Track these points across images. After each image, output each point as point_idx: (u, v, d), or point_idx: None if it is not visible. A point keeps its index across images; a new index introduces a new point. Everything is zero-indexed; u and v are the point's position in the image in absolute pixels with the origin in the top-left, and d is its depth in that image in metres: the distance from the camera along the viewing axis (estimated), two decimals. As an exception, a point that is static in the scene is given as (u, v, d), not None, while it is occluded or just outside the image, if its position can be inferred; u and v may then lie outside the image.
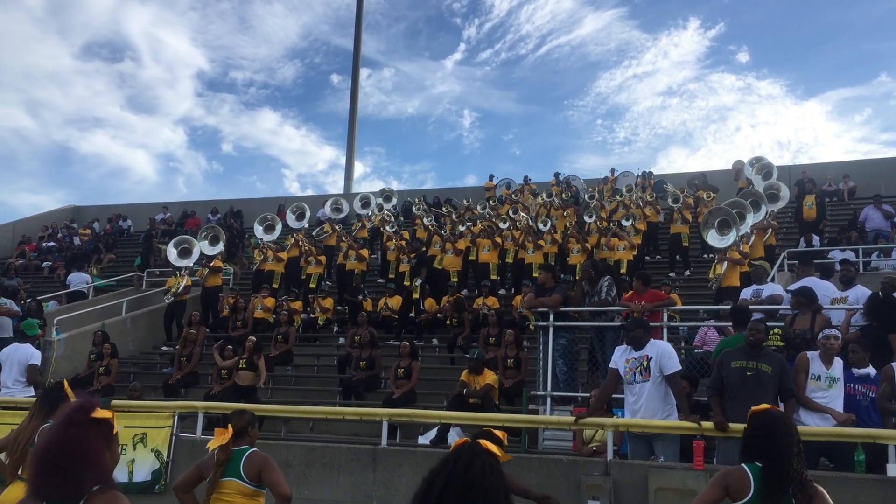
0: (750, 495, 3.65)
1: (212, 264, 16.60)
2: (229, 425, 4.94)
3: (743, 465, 3.75)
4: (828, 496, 3.65)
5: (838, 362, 6.97)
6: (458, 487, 2.36)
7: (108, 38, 75.56)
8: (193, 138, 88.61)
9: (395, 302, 15.00)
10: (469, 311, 13.91)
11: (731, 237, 12.63)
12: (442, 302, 14.68)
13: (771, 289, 10.26)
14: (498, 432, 5.15)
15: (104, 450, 2.67)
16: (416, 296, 14.93)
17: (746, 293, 10.34)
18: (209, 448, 4.92)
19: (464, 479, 2.38)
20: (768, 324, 9.00)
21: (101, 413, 2.71)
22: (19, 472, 5.11)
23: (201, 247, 17.01)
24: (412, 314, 14.82)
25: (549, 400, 9.28)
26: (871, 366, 7.29)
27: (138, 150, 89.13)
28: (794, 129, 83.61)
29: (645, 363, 6.97)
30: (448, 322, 13.95)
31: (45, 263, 24.08)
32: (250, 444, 4.99)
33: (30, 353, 9.88)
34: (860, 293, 9.19)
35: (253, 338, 12.27)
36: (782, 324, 8.61)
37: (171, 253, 16.74)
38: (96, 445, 2.63)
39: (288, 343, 13.90)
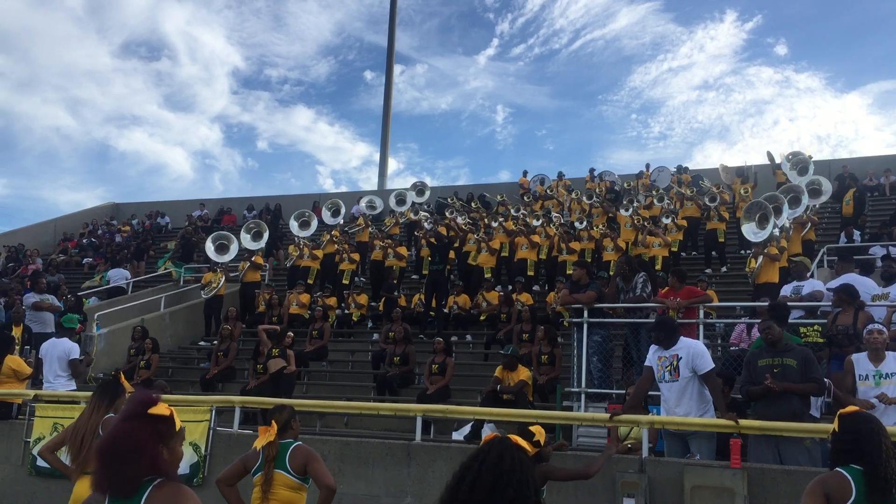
0: (852, 500, 3.55)
1: (253, 259, 16.79)
2: (273, 421, 5.00)
3: (839, 469, 3.65)
4: None
5: (892, 357, 6.71)
6: (488, 481, 2.39)
7: (145, 37, 76.90)
8: (229, 135, 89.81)
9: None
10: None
11: (766, 233, 12.46)
12: (477, 298, 14.71)
13: (811, 285, 10.10)
14: (533, 428, 5.15)
15: (157, 445, 2.67)
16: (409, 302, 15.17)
17: (787, 290, 10.19)
18: (256, 447, 4.97)
19: (494, 472, 2.41)
20: (809, 320, 8.91)
21: (159, 409, 2.73)
22: (85, 468, 5.21)
23: (244, 241, 17.20)
24: (445, 309, 14.86)
25: (583, 396, 9.24)
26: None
27: (175, 148, 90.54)
28: (833, 122, 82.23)
29: (675, 363, 6.90)
30: (500, 318, 13.89)
31: (85, 260, 24.55)
32: (294, 438, 5.05)
33: (69, 348, 10.09)
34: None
35: (291, 333, 12.38)
36: (824, 320, 8.48)
37: (209, 248, 16.96)
38: (146, 440, 2.65)
39: (323, 339, 14.01)
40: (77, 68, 78.19)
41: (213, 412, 8.73)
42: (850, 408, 3.87)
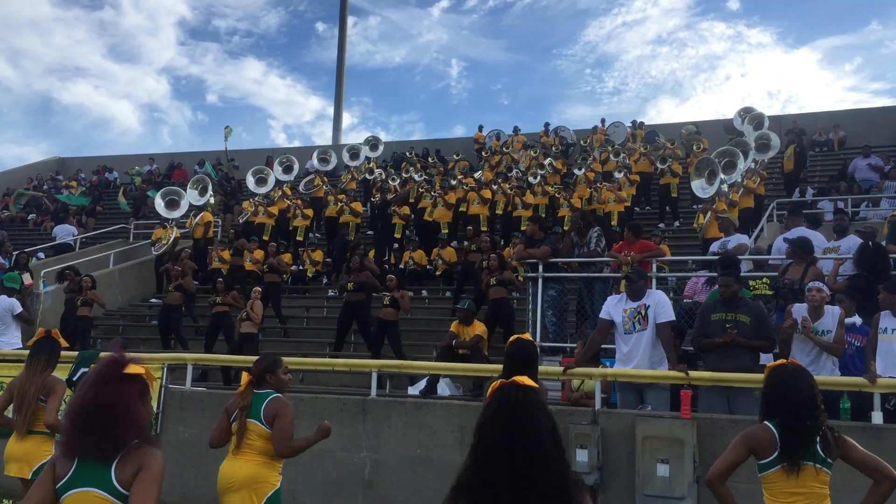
0: (776, 453, 3.61)
1: (198, 220, 16.46)
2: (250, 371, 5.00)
3: (766, 422, 3.70)
4: (858, 445, 3.61)
5: (830, 313, 6.79)
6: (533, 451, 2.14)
7: (88, -15, 73.98)
8: (177, 88, 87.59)
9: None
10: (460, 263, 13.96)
11: (714, 189, 12.64)
12: (432, 254, 14.69)
13: (737, 239, 10.33)
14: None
15: (140, 405, 2.66)
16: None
17: (715, 246, 10.43)
18: (237, 391, 4.98)
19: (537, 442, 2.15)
20: (757, 273, 9.05)
21: (133, 368, 2.69)
22: (31, 426, 5.17)
23: (190, 197, 16.85)
24: (401, 265, 14.82)
25: (538, 350, 9.30)
26: (857, 315, 7.31)
27: (121, 101, 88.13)
28: (784, 78, 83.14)
29: (643, 312, 7.00)
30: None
31: (30, 216, 23.87)
32: (276, 390, 4.97)
33: (8, 305, 9.90)
34: (852, 243, 9.20)
35: (259, 288, 12.10)
36: (773, 273, 8.62)
37: (159, 204, 16.60)
38: (132, 401, 2.62)
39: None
40: (16, 18, 75.31)
41: (165, 370, 8.60)
42: (779, 361, 3.92)
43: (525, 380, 2.31)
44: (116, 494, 2.57)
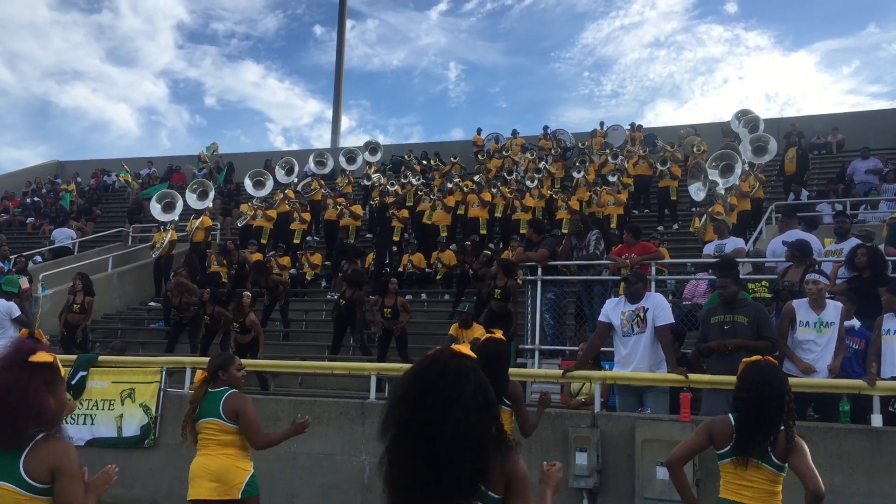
0: (730, 445, 3.71)
1: (199, 223, 16.41)
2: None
3: (729, 415, 3.80)
4: (807, 449, 3.66)
5: (833, 306, 6.81)
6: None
7: (85, -11, 73.99)
8: (175, 91, 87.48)
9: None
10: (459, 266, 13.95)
11: (705, 192, 12.71)
12: (431, 257, 14.67)
13: (733, 243, 10.34)
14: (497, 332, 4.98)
15: (45, 394, 2.58)
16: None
17: (709, 248, 10.43)
18: (191, 390, 5.15)
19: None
20: (756, 276, 9.06)
21: (41, 356, 2.62)
22: None
23: (189, 200, 16.82)
24: (399, 268, 14.80)
25: (537, 353, 9.31)
26: (855, 318, 7.31)
27: (119, 104, 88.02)
28: (782, 80, 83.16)
29: (642, 315, 7.01)
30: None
31: (29, 219, 23.85)
32: (231, 386, 5.04)
33: (6, 308, 9.88)
34: (854, 245, 9.19)
35: (248, 293, 11.97)
36: (772, 276, 8.63)
37: (155, 208, 16.57)
38: (35, 389, 2.55)
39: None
40: (13, 21, 75.16)
41: (164, 373, 8.60)
42: (753, 357, 3.98)
43: (464, 348, 2.22)
44: (26, 486, 2.53)
